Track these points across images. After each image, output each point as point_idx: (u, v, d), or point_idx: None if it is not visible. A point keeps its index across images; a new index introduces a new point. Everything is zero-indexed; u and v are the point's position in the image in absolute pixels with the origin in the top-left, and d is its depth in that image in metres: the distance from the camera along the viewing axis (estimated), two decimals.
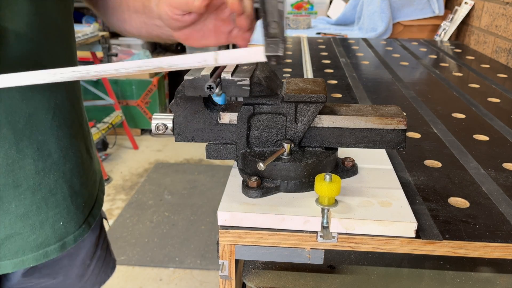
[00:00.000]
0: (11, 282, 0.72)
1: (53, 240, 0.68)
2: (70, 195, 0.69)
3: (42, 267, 0.73)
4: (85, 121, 0.78)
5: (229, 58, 0.46)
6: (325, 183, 0.50)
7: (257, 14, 0.52)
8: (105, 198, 2.83)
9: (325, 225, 0.51)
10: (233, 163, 0.61)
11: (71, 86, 0.71)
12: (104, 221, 0.89)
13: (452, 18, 1.91)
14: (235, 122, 0.56)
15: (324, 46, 1.59)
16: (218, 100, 0.58)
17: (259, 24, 0.50)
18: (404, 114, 0.57)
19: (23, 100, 0.61)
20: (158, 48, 4.08)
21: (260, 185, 0.54)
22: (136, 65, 0.47)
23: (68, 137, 0.69)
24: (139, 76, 3.43)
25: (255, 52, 0.45)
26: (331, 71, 1.24)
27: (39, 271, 0.73)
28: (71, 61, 0.71)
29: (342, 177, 0.56)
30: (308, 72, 1.23)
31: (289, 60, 1.36)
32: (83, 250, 0.80)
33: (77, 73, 0.47)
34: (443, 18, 2.02)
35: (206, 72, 0.51)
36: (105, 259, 0.88)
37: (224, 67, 0.54)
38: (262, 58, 0.45)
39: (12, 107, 0.60)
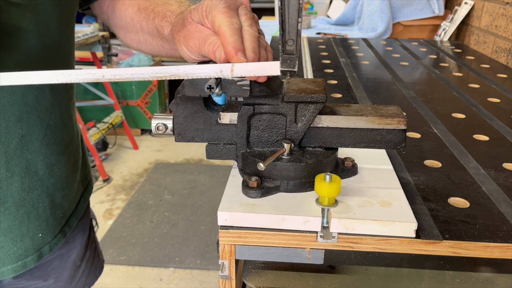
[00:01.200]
0: (2, 283, 0.72)
1: (31, 251, 0.69)
2: (50, 208, 0.70)
3: (32, 269, 0.73)
4: (76, 134, 0.78)
5: (245, 70, 0.47)
6: (325, 183, 0.50)
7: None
8: (105, 198, 2.83)
9: (325, 225, 0.51)
10: (233, 163, 0.61)
11: (66, 106, 0.71)
12: (93, 221, 0.89)
13: (452, 18, 1.91)
14: (235, 122, 0.56)
15: (324, 46, 1.59)
16: (218, 100, 0.58)
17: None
18: (404, 114, 0.57)
19: (18, 122, 0.61)
20: None
21: (260, 185, 0.54)
22: (153, 71, 0.47)
23: (55, 154, 0.69)
24: None
25: (271, 66, 0.47)
26: (331, 71, 1.24)
27: (29, 273, 0.73)
28: (70, 63, 0.71)
29: (342, 177, 0.56)
30: (308, 72, 1.23)
31: None
32: (74, 251, 0.80)
33: (92, 75, 0.47)
34: (443, 18, 2.02)
35: None
36: (94, 259, 0.88)
37: None
38: (277, 72, 0.47)
39: (7, 129, 0.60)
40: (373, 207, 0.51)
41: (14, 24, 0.57)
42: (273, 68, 0.47)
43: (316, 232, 0.50)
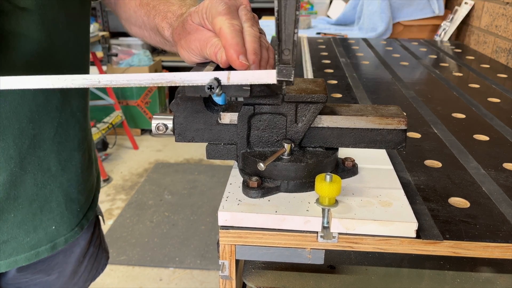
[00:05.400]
0: (7, 277, 0.74)
1: (44, 242, 0.71)
2: (65, 202, 0.72)
3: (36, 264, 0.74)
4: (89, 133, 0.80)
5: (241, 78, 0.48)
6: (325, 183, 0.50)
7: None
8: (105, 198, 2.83)
9: (325, 225, 0.51)
10: (233, 163, 0.61)
11: (79, 104, 0.72)
12: (100, 217, 0.91)
13: (452, 18, 1.91)
14: (236, 122, 0.56)
15: (324, 46, 1.59)
16: (218, 100, 0.58)
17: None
18: (404, 114, 0.57)
19: (30, 123, 0.63)
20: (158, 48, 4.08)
21: (260, 185, 0.54)
22: (149, 77, 0.48)
23: (68, 151, 0.71)
24: None
25: (267, 75, 0.47)
26: (331, 71, 1.24)
27: (33, 267, 0.75)
28: (81, 65, 0.72)
29: (342, 177, 0.56)
30: (308, 72, 1.23)
31: None
32: (78, 247, 0.82)
33: (88, 81, 0.47)
34: (443, 18, 2.02)
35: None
36: (97, 256, 0.90)
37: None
38: (273, 81, 0.47)
39: (20, 130, 0.62)
40: (374, 207, 0.51)
41: (22, 28, 0.58)
42: (269, 77, 0.47)
43: (317, 232, 0.50)
